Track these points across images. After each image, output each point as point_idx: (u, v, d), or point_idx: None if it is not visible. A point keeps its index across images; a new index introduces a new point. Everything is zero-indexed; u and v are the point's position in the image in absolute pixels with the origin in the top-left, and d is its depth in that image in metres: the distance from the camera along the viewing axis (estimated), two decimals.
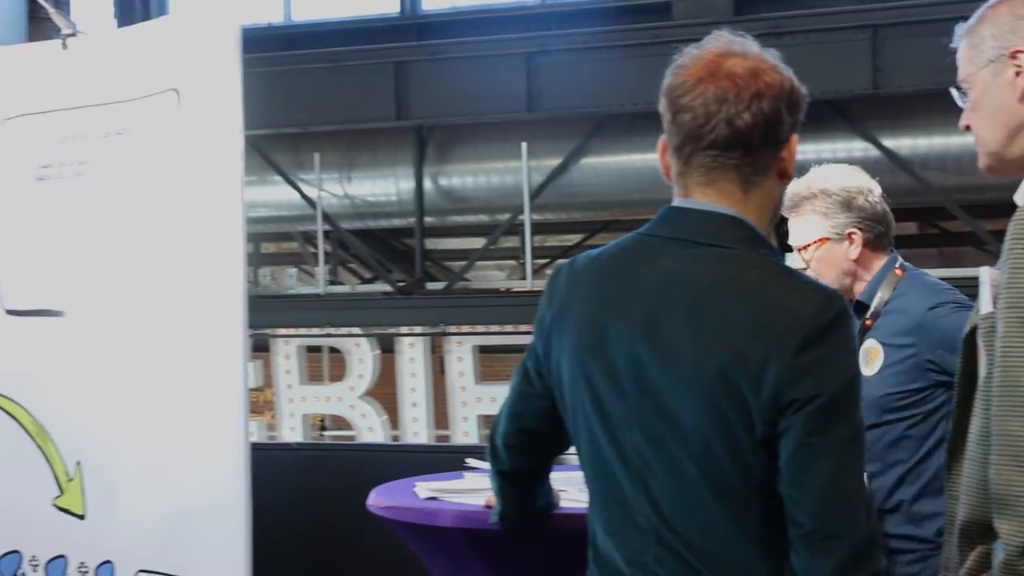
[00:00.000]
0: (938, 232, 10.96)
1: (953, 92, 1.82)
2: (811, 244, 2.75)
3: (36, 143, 3.09)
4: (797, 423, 1.68)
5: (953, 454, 1.77)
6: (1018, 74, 1.71)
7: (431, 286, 10.56)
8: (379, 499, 2.80)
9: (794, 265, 2.47)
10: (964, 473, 1.69)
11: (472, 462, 3.08)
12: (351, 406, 9.20)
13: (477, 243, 11.21)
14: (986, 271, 1.69)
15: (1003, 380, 1.56)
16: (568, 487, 2.49)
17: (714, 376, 1.70)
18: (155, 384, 2.85)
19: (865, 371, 2.60)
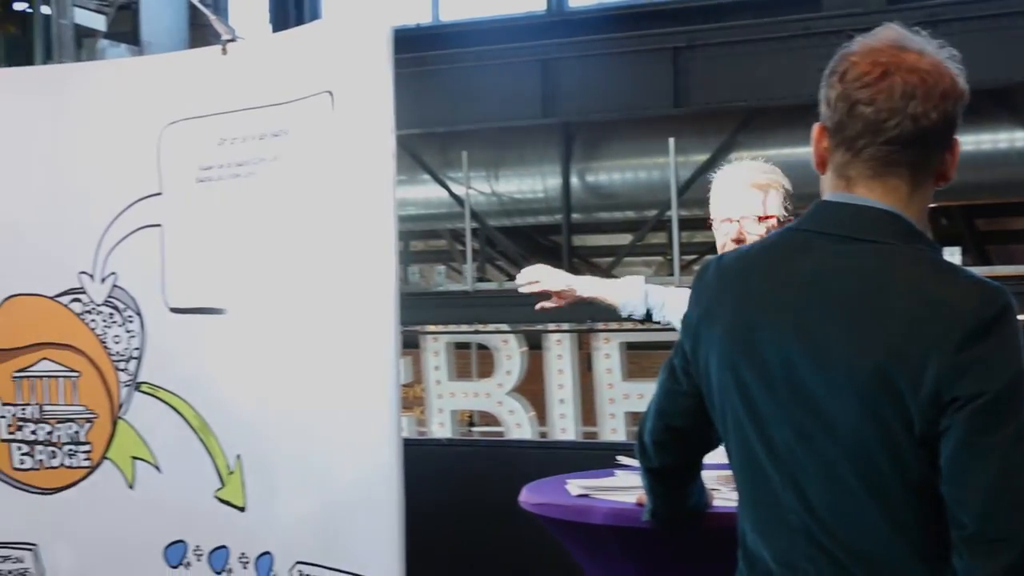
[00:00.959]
0: None
1: None
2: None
3: (197, 146, 3.17)
4: (959, 422, 1.64)
5: None
6: None
7: None
8: (531, 496, 2.81)
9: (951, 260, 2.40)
10: None
11: (623, 459, 3.07)
12: (499, 402, 9.26)
13: (624, 239, 11.19)
14: None
15: None
16: (720, 486, 2.47)
17: (870, 374, 1.67)
18: (311, 380, 2.90)
19: None
